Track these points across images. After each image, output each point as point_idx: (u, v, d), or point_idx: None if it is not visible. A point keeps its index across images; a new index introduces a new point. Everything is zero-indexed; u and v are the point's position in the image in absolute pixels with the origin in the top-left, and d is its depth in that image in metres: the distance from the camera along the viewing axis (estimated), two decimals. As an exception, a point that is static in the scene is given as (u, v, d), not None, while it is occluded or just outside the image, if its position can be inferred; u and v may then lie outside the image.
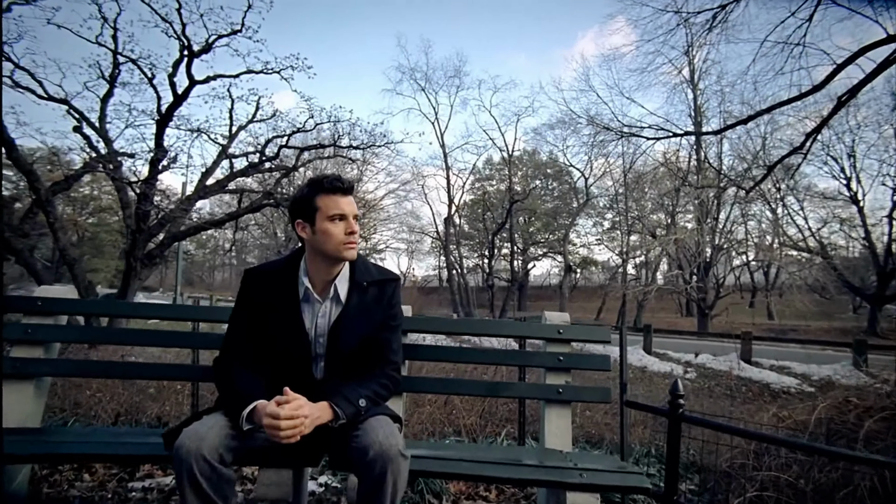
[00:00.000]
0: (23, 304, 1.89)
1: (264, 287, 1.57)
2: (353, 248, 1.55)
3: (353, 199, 1.59)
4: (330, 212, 1.53)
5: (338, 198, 1.54)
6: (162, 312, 2.11)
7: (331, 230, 1.52)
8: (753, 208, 23.76)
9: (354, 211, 1.55)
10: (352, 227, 1.54)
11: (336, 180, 1.55)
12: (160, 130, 9.93)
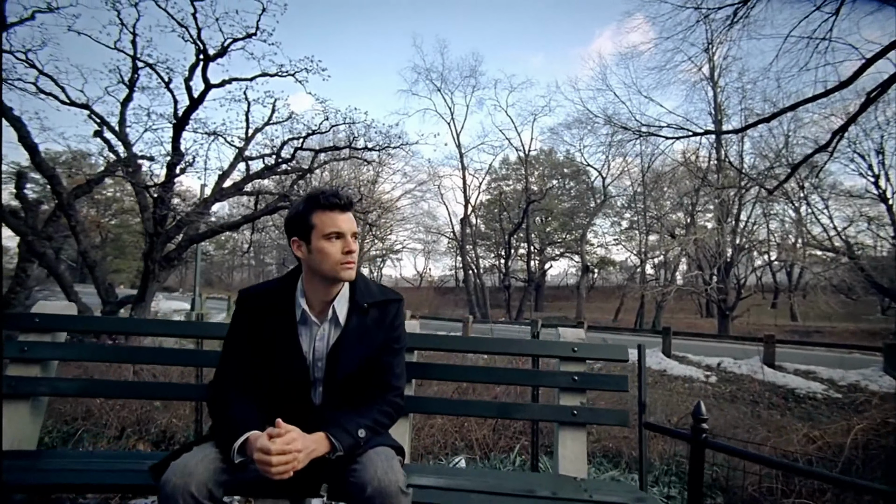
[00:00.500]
0: (20, 321, 1.85)
1: (260, 309, 1.50)
2: (351, 269, 1.47)
3: (353, 215, 1.51)
4: (326, 229, 1.45)
5: (335, 214, 1.46)
6: (165, 329, 2.07)
7: (327, 249, 1.44)
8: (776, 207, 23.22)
9: (353, 228, 1.47)
10: (349, 245, 1.46)
11: (333, 196, 1.47)
12: (177, 134, 10.02)
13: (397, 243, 45.77)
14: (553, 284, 43.25)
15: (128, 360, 1.97)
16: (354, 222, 1.49)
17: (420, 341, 1.92)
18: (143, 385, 2.36)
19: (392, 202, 42.94)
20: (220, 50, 9.80)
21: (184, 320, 3.29)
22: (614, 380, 1.96)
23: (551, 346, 1.98)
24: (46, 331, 1.80)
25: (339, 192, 1.49)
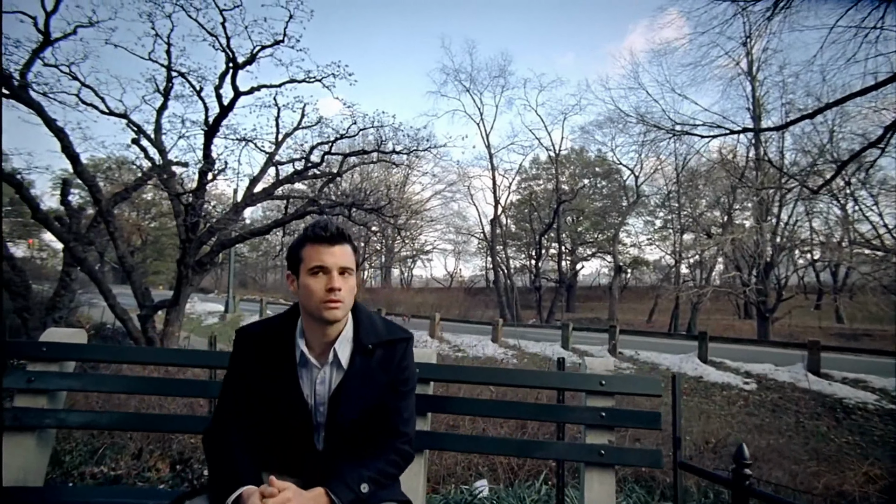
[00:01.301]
0: (26, 349, 1.82)
1: (258, 349, 1.41)
2: (335, 308, 1.34)
3: (346, 248, 1.39)
4: (310, 264, 1.36)
5: (320, 248, 1.36)
6: (176, 359, 2.01)
7: (310, 285, 1.34)
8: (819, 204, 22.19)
9: (340, 263, 1.35)
10: (332, 282, 1.34)
11: (319, 228, 1.38)
12: (208, 141, 10.20)
13: (427, 244, 45.99)
14: (585, 285, 42.59)
15: (137, 390, 1.93)
16: (346, 257, 1.38)
17: (435, 372, 1.81)
18: (156, 417, 2.29)
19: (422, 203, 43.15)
20: (248, 57, 9.93)
21: (197, 349, 3.27)
22: (646, 416, 1.80)
23: (577, 379, 1.84)
24: (54, 360, 1.77)
25: (328, 223, 1.39)
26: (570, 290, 35.97)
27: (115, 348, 2.31)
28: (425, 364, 1.77)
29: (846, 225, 21.38)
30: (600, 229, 35.80)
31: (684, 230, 28.85)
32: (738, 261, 23.82)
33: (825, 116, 16.45)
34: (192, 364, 2.18)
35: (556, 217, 30.84)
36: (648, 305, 31.26)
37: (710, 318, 28.47)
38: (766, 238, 21.88)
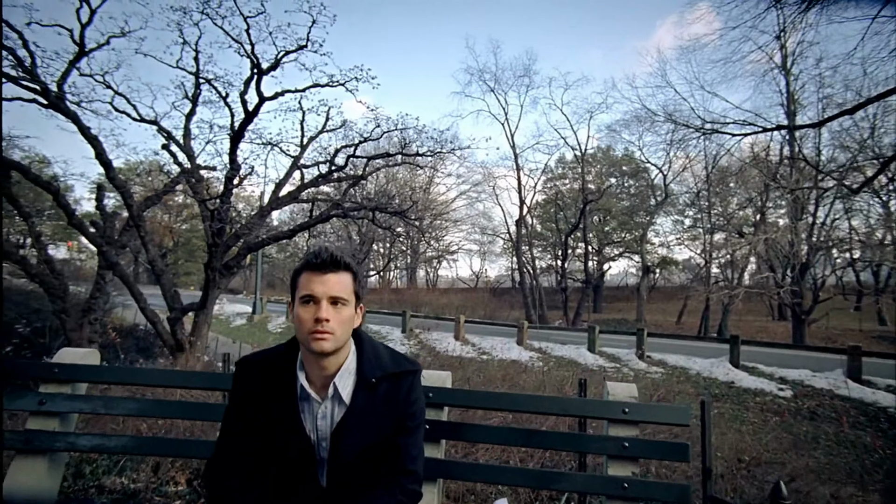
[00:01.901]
0: (38, 370, 1.83)
1: (259, 381, 1.36)
2: (322, 340, 1.27)
3: (341, 276, 1.33)
4: (301, 292, 1.31)
5: (311, 276, 1.31)
6: (189, 382, 2.00)
7: (300, 315, 1.30)
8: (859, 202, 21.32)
9: (330, 293, 1.29)
10: (319, 312, 1.27)
11: (312, 254, 1.33)
12: (233, 147, 10.35)
13: (453, 244, 45.99)
14: (612, 285, 41.99)
15: (149, 413, 1.92)
16: (339, 286, 1.31)
17: (450, 397, 1.74)
18: (163, 442, 2.28)
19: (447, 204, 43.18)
20: (273, 63, 10.04)
21: (213, 372, 3.23)
22: (673, 448, 1.69)
23: (598, 407, 1.75)
24: (66, 382, 1.77)
25: (322, 250, 1.33)
26: (596, 290, 35.48)
27: (127, 369, 2.32)
28: (439, 388, 1.70)
29: (889, 223, 20.49)
30: (628, 229, 35.23)
31: (715, 229, 28.14)
32: (771, 261, 23.10)
33: (866, 111, 15.77)
34: (205, 387, 2.16)
35: (582, 217, 30.44)
36: (677, 306, 30.57)
37: (741, 319, 27.70)
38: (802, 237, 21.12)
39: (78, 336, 12.89)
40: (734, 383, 10.54)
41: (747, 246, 23.07)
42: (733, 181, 24.05)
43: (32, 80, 10.53)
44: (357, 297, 1.36)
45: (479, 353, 13.94)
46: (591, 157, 34.16)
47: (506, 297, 38.05)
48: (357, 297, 1.36)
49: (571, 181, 35.54)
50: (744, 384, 10.43)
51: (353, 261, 1.38)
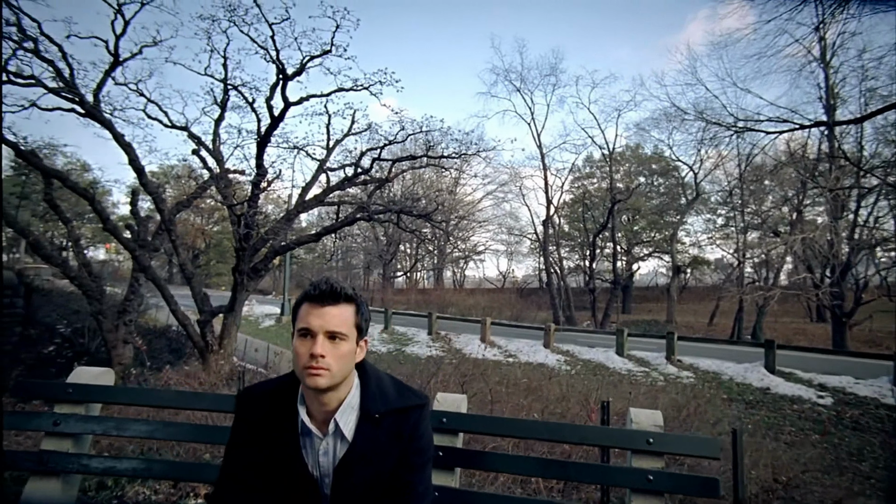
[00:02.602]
0: (53, 391, 1.84)
1: (260, 415, 1.32)
2: (317, 376, 1.22)
3: (341, 309, 1.28)
4: (299, 325, 1.27)
5: (310, 308, 1.26)
6: (199, 403, 1.99)
7: (296, 348, 1.25)
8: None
9: (328, 327, 1.24)
10: (315, 347, 1.22)
11: (311, 285, 1.28)
12: (260, 152, 10.49)
13: (480, 245, 45.88)
14: (641, 285, 41.22)
15: (161, 436, 1.91)
16: (337, 319, 1.26)
17: (465, 423, 1.68)
18: (177, 465, 2.28)
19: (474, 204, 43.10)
20: (298, 68, 10.13)
21: (230, 394, 3.23)
22: (701, 483, 1.57)
23: (621, 436, 1.65)
24: (80, 402, 1.77)
25: (322, 282, 1.28)
26: (625, 290, 34.86)
27: (139, 390, 2.34)
28: (454, 413, 1.64)
29: (937, 220, 19.54)
30: (657, 228, 34.56)
31: (748, 228, 27.37)
32: (809, 260, 22.28)
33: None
34: (213, 409, 2.14)
35: (610, 216, 29.95)
36: (709, 307, 29.75)
37: (777, 321, 26.83)
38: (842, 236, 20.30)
39: (114, 337, 13.29)
40: (770, 389, 10.19)
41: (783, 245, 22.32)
42: (768, 179, 23.26)
43: (70, 91, 10.89)
44: (359, 330, 1.31)
45: (506, 356, 13.82)
46: (620, 155, 33.61)
47: (533, 297, 37.75)
48: (359, 331, 1.31)
49: (599, 180, 35.07)
50: (780, 391, 10.07)
51: (355, 292, 1.33)
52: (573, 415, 3.80)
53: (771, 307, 24.17)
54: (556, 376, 12.11)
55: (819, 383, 10.34)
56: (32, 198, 24.81)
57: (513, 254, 45.55)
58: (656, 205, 33.71)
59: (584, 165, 35.77)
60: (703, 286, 37.18)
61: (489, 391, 4.13)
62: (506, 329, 16.90)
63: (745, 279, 28.35)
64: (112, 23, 10.90)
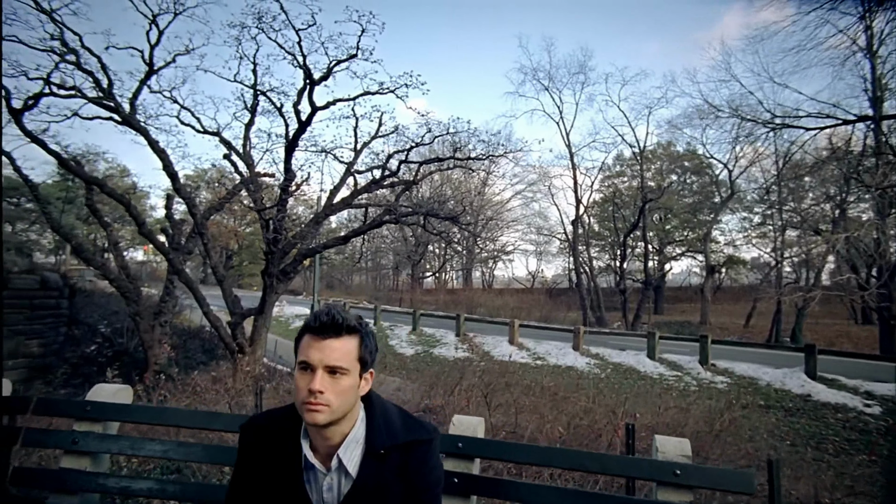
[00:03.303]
0: (71, 409, 1.87)
1: (263, 448, 1.29)
2: (316, 412, 1.18)
3: (343, 342, 1.23)
4: (299, 357, 1.22)
5: (310, 340, 1.22)
6: (214, 424, 1.99)
7: (297, 382, 1.21)
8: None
9: (327, 361, 1.19)
10: (314, 383, 1.18)
11: (312, 317, 1.24)
12: (288, 156, 10.64)
13: (508, 244, 45.65)
14: (674, 285, 40.31)
15: (175, 456, 1.92)
16: (338, 353, 1.21)
17: (482, 448, 1.62)
18: (202, 487, 2.29)
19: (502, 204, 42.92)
20: (325, 73, 10.24)
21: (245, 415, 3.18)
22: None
23: (646, 467, 1.57)
24: (97, 420, 1.79)
25: (323, 312, 1.24)
26: (657, 291, 34.12)
27: (154, 409, 2.36)
28: (470, 438, 1.60)
29: None
30: (690, 227, 33.72)
31: (786, 226, 26.41)
32: (853, 260, 21.36)
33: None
34: (233, 430, 2.12)
35: (641, 215, 29.36)
36: (745, 308, 28.81)
37: (818, 322, 25.82)
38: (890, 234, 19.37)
39: (150, 337, 13.70)
40: (811, 397, 9.79)
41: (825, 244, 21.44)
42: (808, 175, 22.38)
43: (109, 100, 11.26)
44: (363, 363, 1.26)
45: (534, 359, 13.67)
46: (651, 153, 32.92)
47: (562, 297, 37.34)
48: (363, 364, 1.26)
49: (630, 179, 34.43)
50: (822, 398, 9.67)
51: (360, 322, 1.28)
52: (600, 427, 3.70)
53: (811, 308, 23.25)
54: (584, 379, 11.92)
55: (866, 391, 9.88)
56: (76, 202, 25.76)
57: (542, 254, 45.24)
58: (689, 203, 32.90)
59: (614, 164, 35.24)
60: (738, 286, 36.11)
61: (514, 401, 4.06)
62: (535, 331, 16.72)
63: (784, 279, 27.39)
64: (147, 33, 11.26)
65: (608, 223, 34.90)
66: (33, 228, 32.50)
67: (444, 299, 36.53)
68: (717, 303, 31.89)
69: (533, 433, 3.54)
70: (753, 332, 26.02)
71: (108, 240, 14.12)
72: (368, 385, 1.30)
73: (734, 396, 10.01)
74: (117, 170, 37.92)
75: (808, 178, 22.90)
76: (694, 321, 29.42)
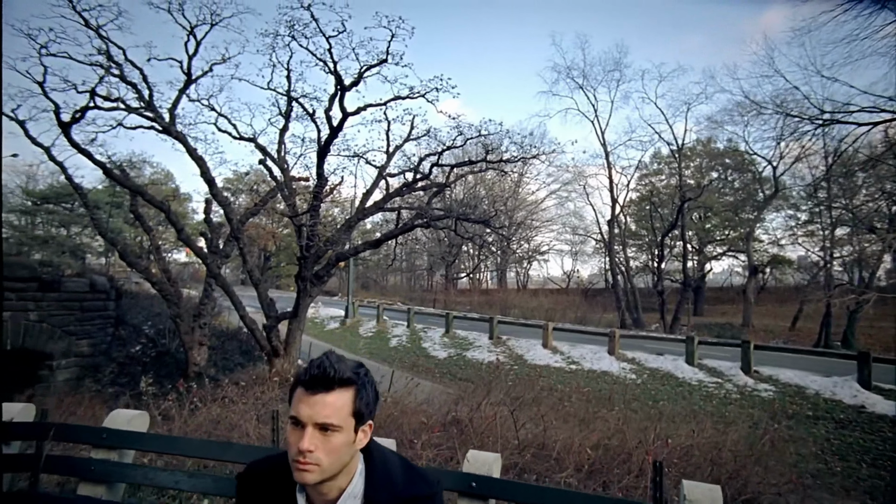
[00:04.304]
0: (88, 435, 1.89)
1: (260, 497, 1.25)
2: (305, 471, 1.11)
3: (336, 396, 1.16)
4: (291, 411, 1.16)
5: (302, 394, 1.15)
6: (225, 455, 1.97)
7: (287, 437, 1.15)
8: None
9: (318, 418, 1.12)
10: (303, 441, 1.11)
11: (304, 370, 1.18)
12: (320, 161, 10.77)
13: (543, 244, 45.19)
14: (715, 285, 39.04)
15: (186, 487, 1.92)
16: (330, 409, 1.14)
17: (498, 489, 1.54)
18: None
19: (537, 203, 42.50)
20: (355, 78, 10.31)
21: (256, 446, 3.13)
22: None
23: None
24: (113, 448, 1.81)
25: (315, 364, 1.17)
26: (697, 291, 33.10)
27: (169, 439, 2.38)
28: (484, 478, 1.53)
29: None
30: (732, 226, 32.57)
31: (836, 224, 25.16)
32: (911, 260, 20.21)
33: None
34: (240, 461, 2.09)
35: (680, 214, 28.53)
36: (791, 310, 27.52)
37: (872, 326, 24.45)
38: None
39: (190, 339, 14.13)
40: (864, 408, 9.26)
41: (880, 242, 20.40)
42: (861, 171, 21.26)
43: (149, 109, 11.66)
44: (359, 416, 1.19)
45: (568, 363, 13.45)
46: (690, 150, 31.95)
47: (598, 298, 36.70)
48: (359, 417, 1.19)
49: (668, 177, 33.58)
50: (878, 409, 9.13)
51: (357, 372, 1.21)
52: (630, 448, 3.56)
53: (865, 311, 22.03)
54: (619, 385, 11.64)
55: (925, 401, 9.30)
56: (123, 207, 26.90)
57: (577, 253, 44.65)
58: (731, 201, 31.76)
59: (651, 162, 34.41)
60: (783, 287, 34.66)
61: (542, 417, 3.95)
62: (569, 335, 16.44)
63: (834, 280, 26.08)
64: (185, 44, 11.61)
65: (645, 222, 34.12)
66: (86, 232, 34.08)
67: (478, 300, 36.42)
68: (760, 304, 30.69)
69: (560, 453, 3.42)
70: (800, 336, 24.91)
71: (150, 244, 14.64)
72: (367, 437, 1.23)
73: (779, 406, 9.59)
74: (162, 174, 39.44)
75: (861, 173, 21.77)
76: (736, 323, 28.39)
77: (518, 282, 48.01)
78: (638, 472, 3.22)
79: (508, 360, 14.13)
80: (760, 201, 29.29)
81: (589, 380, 12.09)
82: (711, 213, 32.78)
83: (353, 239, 13.16)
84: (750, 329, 26.55)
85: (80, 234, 35.56)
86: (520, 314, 30.01)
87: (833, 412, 9.24)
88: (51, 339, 13.48)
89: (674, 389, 11.27)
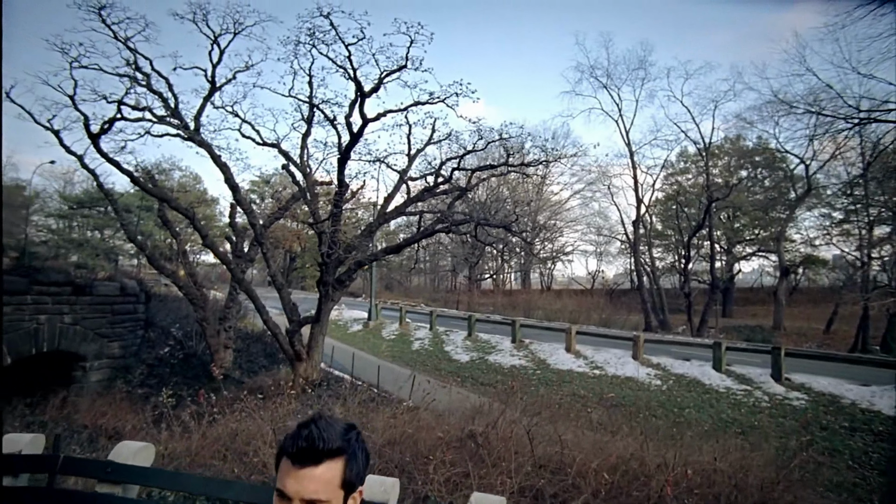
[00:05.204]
0: (92, 469, 1.89)
1: None
2: None
3: (324, 468, 1.08)
4: (277, 483, 1.09)
5: (286, 467, 1.08)
6: (227, 493, 1.95)
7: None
8: None
9: (304, 494, 1.05)
10: None
11: (289, 439, 1.10)
12: (341, 167, 10.84)
13: (567, 245, 44.70)
14: (744, 286, 37.97)
15: None
16: (316, 483, 1.07)
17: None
18: None
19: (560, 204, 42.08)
20: (375, 84, 10.35)
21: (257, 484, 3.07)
22: None
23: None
24: (117, 483, 1.81)
25: (304, 436, 1.09)
26: (726, 293, 32.28)
27: (174, 475, 2.37)
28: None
29: None
30: (762, 225, 31.66)
31: (874, 223, 24.18)
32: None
33: None
34: (246, 500, 2.06)
35: (707, 214, 27.85)
36: (825, 312, 26.49)
37: (914, 329, 23.47)
38: None
39: (216, 342, 14.37)
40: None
41: (920, 243, 19.53)
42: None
43: (174, 117, 11.91)
44: (349, 486, 1.13)
45: (591, 368, 13.24)
46: (717, 148, 31.22)
47: (623, 299, 36.12)
48: (349, 487, 1.13)
49: (695, 176, 32.84)
50: (915, 420, 8.74)
51: (346, 439, 1.14)
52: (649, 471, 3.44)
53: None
54: (644, 391, 11.41)
55: (969, 413, 8.86)
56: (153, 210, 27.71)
57: (602, 254, 44.04)
58: (760, 200, 30.84)
59: (677, 161, 33.70)
60: (817, 288, 33.51)
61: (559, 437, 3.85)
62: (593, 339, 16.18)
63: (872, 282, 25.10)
64: (209, 53, 11.83)
65: (672, 222, 33.46)
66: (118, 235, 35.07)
67: (501, 301, 36.22)
68: (792, 306, 29.76)
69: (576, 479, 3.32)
70: (835, 340, 24.07)
71: (177, 248, 14.96)
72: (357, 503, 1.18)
73: (812, 416, 9.26)
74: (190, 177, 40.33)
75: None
76: (766, 325, 27.59)
77: (542, 282, 47.60)
78: (657, 500, 3.10)
79: (531, 365, 13.99)
80: (792, 200, 28.42)
81: (612, 386, 11.88)
82: (740, 213, 31.94)
83: (377, 240, 13.22)
84: (781, 332, 25.77)
85: (114, 236, 36.61)
86: (543, 316, 29.73)
87: (871, 424, 8.87)
88: (84, 341, 13.88)
89: (700, 397, 10.99)
